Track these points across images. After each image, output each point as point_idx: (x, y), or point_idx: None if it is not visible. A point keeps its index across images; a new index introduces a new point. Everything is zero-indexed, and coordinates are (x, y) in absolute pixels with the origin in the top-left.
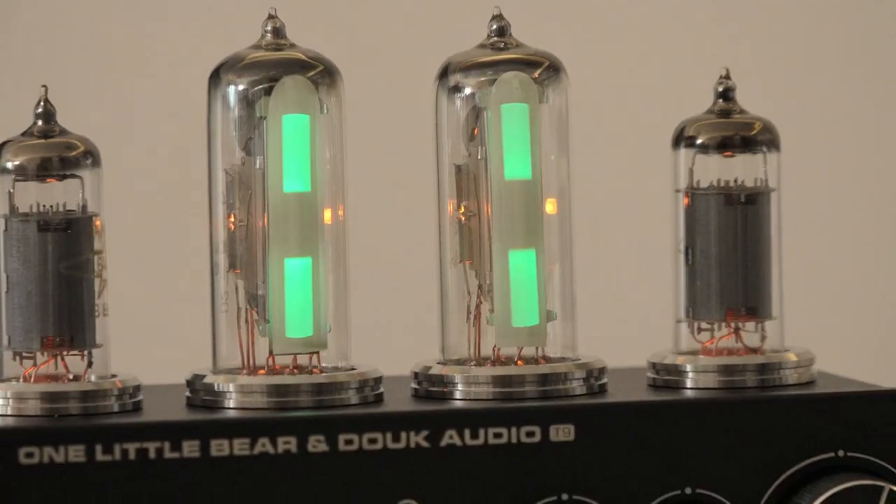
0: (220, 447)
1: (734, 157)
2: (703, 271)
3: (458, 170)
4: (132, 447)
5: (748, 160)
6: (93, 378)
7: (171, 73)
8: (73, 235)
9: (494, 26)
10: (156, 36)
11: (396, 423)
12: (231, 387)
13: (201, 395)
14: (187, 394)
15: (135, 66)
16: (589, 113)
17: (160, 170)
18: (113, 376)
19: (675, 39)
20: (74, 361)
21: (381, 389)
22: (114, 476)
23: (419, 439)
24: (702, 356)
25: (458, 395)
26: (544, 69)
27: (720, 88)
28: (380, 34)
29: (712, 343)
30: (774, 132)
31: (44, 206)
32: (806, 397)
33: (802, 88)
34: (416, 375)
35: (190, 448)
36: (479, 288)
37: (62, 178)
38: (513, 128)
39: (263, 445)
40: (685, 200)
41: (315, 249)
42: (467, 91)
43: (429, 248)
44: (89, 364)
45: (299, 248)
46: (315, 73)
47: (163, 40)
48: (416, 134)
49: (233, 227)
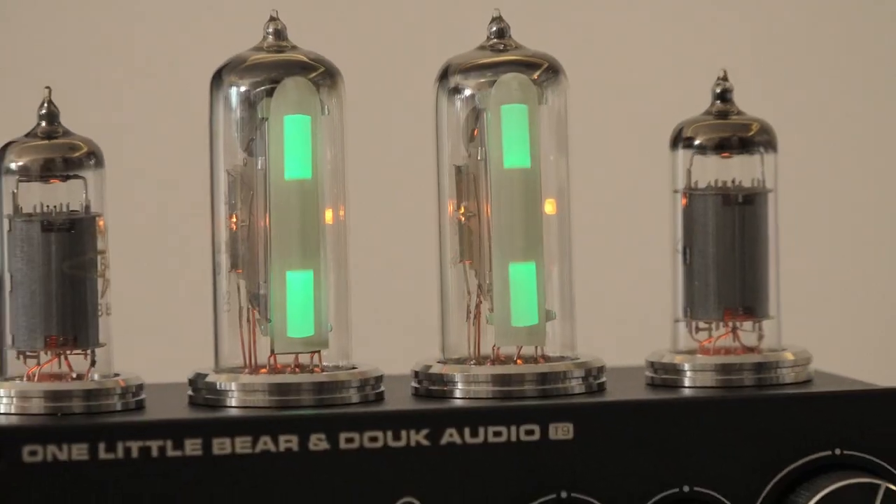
0: (222, 446)
1: (732, 157)
2: (700, 271)
3: (458, 170)
4: (135, 445)
5: (745, 161)
6: (96, 377)
7: (174, 74)
8: (76, 235)
9: (494, 28)
10: (159, 37)
11: (397, 421)
12: (233, 386)
13: (203, 394)
14: (189, 393)
15: (138, 67)
16: (588, 114)
17: (163, 170)
18: (116, 375)
19: (673, 41)
20: (78, 360)
21: (382, 388)
22: (116, 474)
23: (419, 438)
24: (699, 355)
25: (457, 393)
26: (543, 71)
27: (718, 90)
28: (380, 36)
29: (710, 342)
30: (772, 133)
31: (47, 207)
32: (803, 396)
33: (800, 89)
34: (417, 374)
35: (192, 446)
36: (479, 287)
37: (66, 178)
38: (512, 129)
39: (265, 444)
40: (683, 201)
41: (316, 249)
42: (467, 92)
43: (429, 248)
44: (92, 363)
45: (301, 247)
46: (316, 74)
47: (165, 42)
48: (417, 135)
49: (235, 228)
